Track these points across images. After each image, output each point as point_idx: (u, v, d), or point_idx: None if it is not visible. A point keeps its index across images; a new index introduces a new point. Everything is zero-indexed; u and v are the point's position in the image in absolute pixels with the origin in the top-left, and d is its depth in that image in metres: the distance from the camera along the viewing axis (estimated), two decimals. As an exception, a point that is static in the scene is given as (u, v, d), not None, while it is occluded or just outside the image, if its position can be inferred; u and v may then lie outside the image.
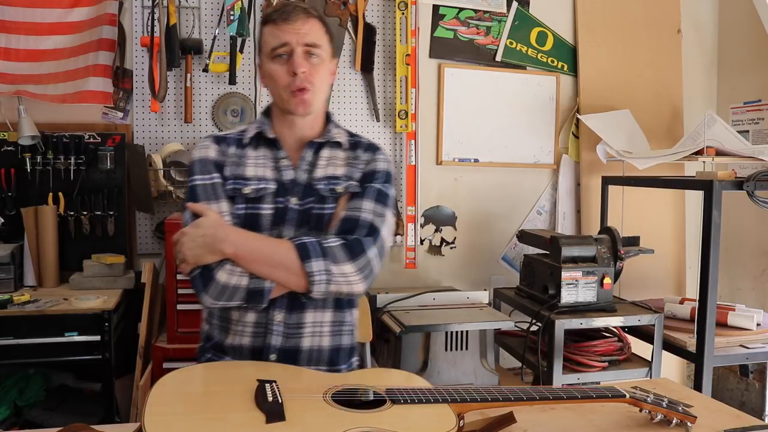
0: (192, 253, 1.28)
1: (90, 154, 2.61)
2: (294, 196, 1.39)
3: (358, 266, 1.31)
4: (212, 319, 1.44)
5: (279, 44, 1.37)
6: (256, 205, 1.38)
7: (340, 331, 1.44)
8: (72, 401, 2.48)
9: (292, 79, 1.37)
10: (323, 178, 1.42)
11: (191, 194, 1.38)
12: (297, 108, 1.39)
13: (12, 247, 2.44)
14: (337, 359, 1.44)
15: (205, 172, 1.39)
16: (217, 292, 1.28)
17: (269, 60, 1.40)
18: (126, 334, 2.53)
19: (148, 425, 0.98)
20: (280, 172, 1.42)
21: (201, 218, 1.31)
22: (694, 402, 1.31)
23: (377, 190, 1.41)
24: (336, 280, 1.29)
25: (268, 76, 1.41)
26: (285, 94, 1.39)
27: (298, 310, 1.37)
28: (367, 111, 2.92)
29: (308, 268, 1.27)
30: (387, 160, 1.48)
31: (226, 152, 1.43)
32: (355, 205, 1.39)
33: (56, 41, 2.59)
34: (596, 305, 2.35)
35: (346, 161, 1.46)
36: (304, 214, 1.39)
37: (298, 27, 1.37)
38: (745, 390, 3.13)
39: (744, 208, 2.91)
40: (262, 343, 1.37)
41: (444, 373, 2.31)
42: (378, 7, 2.89)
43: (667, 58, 3.24)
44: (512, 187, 3.12)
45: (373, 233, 1.35)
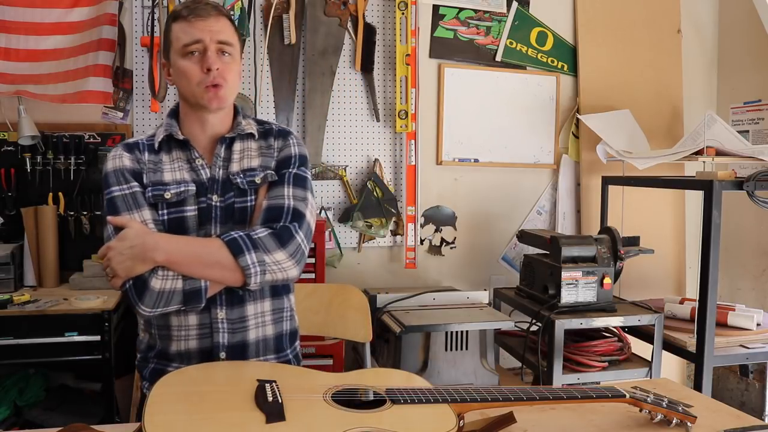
0: (122, 266, 1.26)
1: (90, 154, 2.61)
2: (214, 193, 1.40)
3: (290, 252, 1.32)
4: (151, 328, 1.42)
5: (192, 41, 1.36)
6: (180, 208, 1.39)
7: (281, 317, 1.47)
8: (72, 401, 2.48)
9: (205, 75, 1.36)
10: (240, 172, 1.42)
11: (110, 207, 1.35)
12: (211, 102, 1.38)
13: (12, 247, 2.44)
14: (282, 345, 1.47)
15: (122, 182, 1.37)
16: (153, 300, 1.27)
17: (180, 57, 1.38)
18: (126, 334, 2.53)
19: (148, 425, 0.98)
20: (197, 172, 1.42)
21: (125, 230, 1.29)
22: (694, 402, 1.31)
23: (294, 174, 1.43)
24: (270, 269, 1.30)
25: (179, 72, 1.39)
26: (198, 90, 1.37)
27: (239, 305, 1.40)
28: (367, 111, 2.92)
29: (242, 262, 1.28)
30: (299, 144, 1.49)
31: (141, 159, 1.42)
32: (276, 193, 1.40)
33: (56, 41, 2.59)
34: (596, 305, 2.35)
35: (260, 151, 1.46)
36: (228, 209, 1.40)
37: (211, 24, 1.37)
38: (745, 390, 3.13)
39: (744, 208, 2.91)
40: (210, 344, 1.38)
41: (444, 373, 2.31)
42: (378, 7, 2.89)
43: (667, 58, 3.24)
44: (512, 187, 3.12)
45: (297, 218, 1.37)
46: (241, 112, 1.50)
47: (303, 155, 1.48)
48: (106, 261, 1.28)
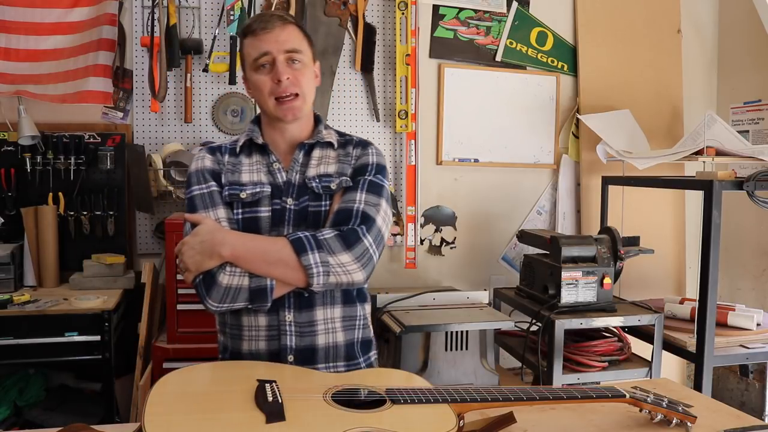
0: (192, 260, 1.30)
1: (90, 154, 2.61)
2: (289, 196, 1.42)
3: (355, 255, 1.32)
4: (225, 327, 1.45)
5: (260, 54, 1.39)
6: (254, 208, 1.41)
7: (353, 325, 1.46)
8: (72, 401, 2.49)
9: (276, 86, 1.39)
10: (315, 177, 1.43)
11: (189, 205, 1.41)
12: (286, 115, 1.42)
13: (12, 247, 2.44)
14: (354, 354, 1.45)
15: (202, 182, 1.42)
16: (220, 295, 1.30)
17: (253, 71, 1.42)
18: (126, 334, 2.53)
19: (148, 425, 0.98)
20: (274, 175, 1.44)
21: (199, 226, 1.33)
22: (694, 402, 1.31)
23: (368, 181, 1.43)
24: (334, 270, 1.30)
25: (254, 87, 1.43)
26: (271, 102, 1.41)
27: (307, 309, 1.39)
28: (367, 111, 2.92)
29: (305, 261, 1.28)
30: (378, 154, 1.49)
31: (221, 161, 1.46)
32: (348, 197, 1.40)
33: (56, 41, 2.59)
34: (596, 305, 2.34)
35: (338, 159, 1.48)
36: (301, 212, 1.41)
37: (277, 35, 1.39)
38: (745, 390, 3.13)
39: (744, 208, 2.91)
40: (278, 346, 1.38)
41: (444, 373, 2.31)
42: (378, 7, 2.89)
43: (667, 58, 3.24)
44: (512, 187, 3.12)
45: (366, 221, 1.36)
46: (322, 121, 1.53)
47: (381, 164, 1.48)
48: (180, 256, 1.32)
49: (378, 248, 1.37)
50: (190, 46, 2.66)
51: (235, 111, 2.77)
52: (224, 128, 2.76)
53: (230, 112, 2.77)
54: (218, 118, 2.76)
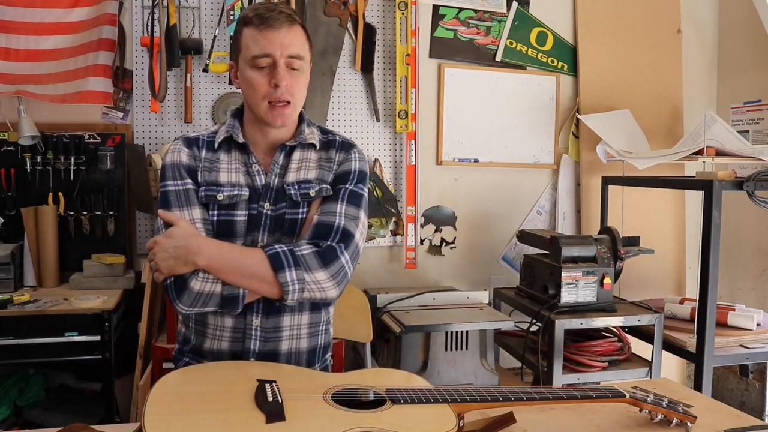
0: (165, 263, 1.27)
1: (90, 154, 2.61)
2: (267, 201, 1.39)
3: (331, 273, 1.31)
4: (189, 322, 1.44)
5: (262, 54, 1.34)
6: (230, 211, 1.38)
7: (317, 331, 1.46)
8: (72, 401, 2.48)
9: (272, 90, 1.35)
10: (294, 183, 1.40)
11: (163, 200, 1.36)
12: (275, 120, 1.37)
13: (12, 247, 2.44)
14: (314, 359, 1.46)
15: (177, 178, 1.38)
16: (191, 300, 1.28)
17: (248, 66, 1.36)
18: (126, 334, 2.53)
19: (148, 425, 0.98)
20: (253, 178, 1.41)
21: (173, 228, 1.30)
22: (694, 402, 1.31)
23: (349, 191, 1.40)
24: (309, 287, 1.29)
25: (246, 81, 1.37)
26: (263, 105, 1.36)
27: (275, 315, 1.39)
28: (367, 111, 2.92)
29: (281, 278, 1.27)
30: (361, 159, 1.46)
31: (198, 156, 1.42)
32: (328, 208, 1.38)
33: (56, 41, 2.59)
34: (596, 305, 2.34)
35: (318, 163, 1.44)
36: (278, 219, 1.39)
37: (282, 36, 1.34)
38: (745, 390, 3.13)
39: (744, 208, 2.91)
40: (241, 348, 1.38)
41: (444, 373, 2.31)
42: (378, 7, 2.89)
43: (667, 58, 3.24)
44: (512, 187, 3.12)
45: (345, 238, 1.34)
46: (305, 119, 1.48)
47: (363, 171, 1.45)
48: (151, 254, 1.30)
49: (353, 263, 1.36)
50: (190, 46, 2.66)
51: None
52: (224, 128, 2.76)
53: (230, 112, 2.76)
54: (218, 118, 2.76)
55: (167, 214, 1.33)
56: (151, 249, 1.30)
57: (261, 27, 1.34)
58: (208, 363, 1.40)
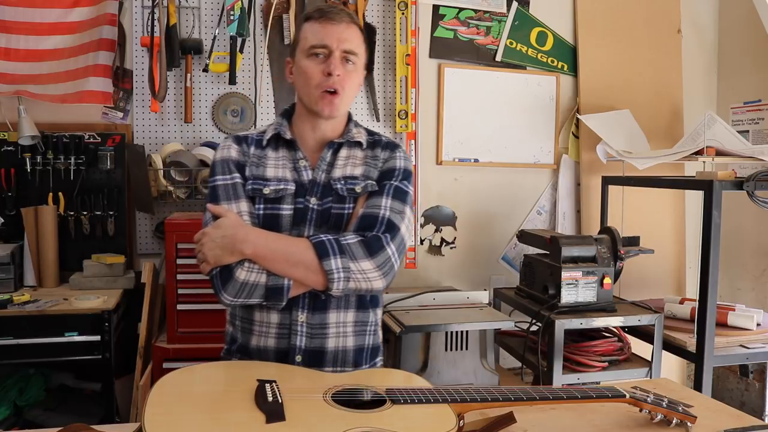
0: (212, 253, 1.30)
1: (90, 154, 2.61)
2: (313, 196, 1.41)
3: (377, 263, 1.32)
4: (235, 320, 1.45)
5: (319, 44, 1.38)
6: (276, 205, 1.40)
7: (364, 331, 1.45)
8: (72, 401, 2.48)
9: (325, 78, 1.38)
10: (341, 178, 1.43)
11: (212, 195, 1.40)
12: (324, 109, 1.40)
13: (12, 247, 2.44)
14: (361, 359, 1.45)
15: (226, 173, 1.41)
16: (236, 290, 1.30)
17: (304, 56, 1.40)
18: (126, 334, 2.53)
19: (148, 425, 0.98)
20: (299, 173, 1.43)
21: (221, 219, 1.33)
22: (694, 402, 1.31)
23: (395, 187, 1.42)
24: (355, 277, 1.30)
25: (301, 71, 1.41)
26: (315, 93, 1.40)
27: (321, 311, 1.39)
28: (367, 111, 2.92)
29: (326, 266, 1.28)
30: (406, 158, 1.48)
31: (247, 152, 1.45)
32: (373, 202, 1.39)
33: (56, 41, 2.59)
34: (596, 305, 2.34)
35: (364, 160, 1.47)
36: (324, 213, 1.40)
37: (341, 30, 1.39)
38: (745, 390, 3.13)
39: (744, 208, 2.91)
40: (287, 345, 1.38)
41: (444, 373, 2.31)
42: (378, 7, 2.89)
43: (667, 58, 3.24)
44: (512, 187, 3.12)
45: (391, 230, 1.36)
46: (354, 120, 1.52)
47: (408, 169, 1.47)
48: (198, 246, 1.32)
49: (400, 256, 1.36)
50: (190, 46, 2.66)
51: (235, 111, 2.77)
52: (224, 128, 2.76)
53: (230, 112, 2.77)
54: (218, 118, 2.76)
55: (215, 207, 1.36)
56: (199, 241, 1.32)
57: (321, 20, 1.40)
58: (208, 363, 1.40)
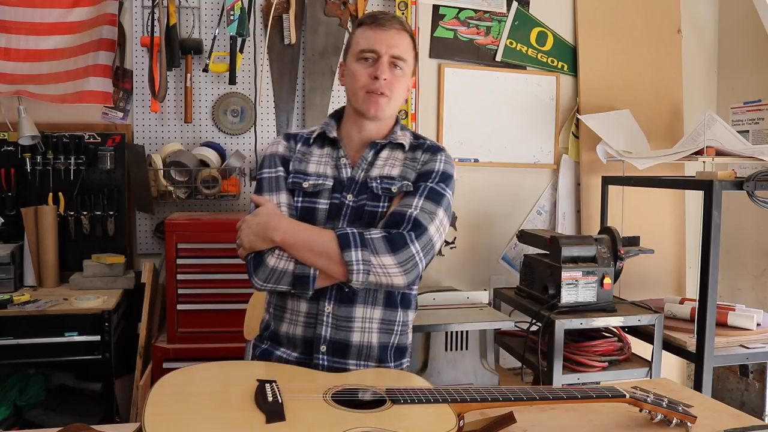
0: (248, 239, 1.37)
1: (90, 154, 2.61)
2: (350, 192, 1.45)
3: (399, 259, 1.33)
4: (270, 307, 1.50)
5: (369, 48, 1.44)
6: (314, 199, 1.45)
7: (390, 330, 1.47)
8: (72, 401, 2.48)
9: (372, 81, 1.44)
10: (378, 177, 1.46)
11: (257, 186, 1.48)
12: (369, 108, 1.45)
13: (12, 247, 2.44)
14: (386, 357, 1.47)
15: (272, 166, 1.49)
16: (265, 275, 1.36)
17: (354, 60, 1.46)
18: (126, 334, 2.53)
19: (148, 425, 0.98)
20: (339, 170, 1.48)
21: (260, 207, 1.40)
22: (694, 402, 1.31)
23: (429, 188, 1.44)
24: (375, 270, 1.32)
25: (350, 74, 1.47)
26: (361, 93, 1.45)
27: (347, 304, 1.42)
28: (367, 111, 2.92)
29: (347, 257, 1.31)
30: (447, 162, 1.50)
31: (293, 149, 1.52)
32: (405, 201, 1.42)
33: (56, 41, 2.59)
34: (596, 305, 2.34)
35: (404, 162, 1.50)
36: (358, 210, 1.43)
37: (391, 36, 1.44)
38: (745, 390, 3.13)
39: (744, 208, 2.91)
40: (313, 334, 1.42)
41: (444, 373, 2.31)
42: (378, 7, 2.89)
43: (667, 58, 3.24)
44: (512, 187, 3.12)
45: (417, 228, 1.36)
46: (400, 124, 1.56)
47: (447, 173, 1.48)
48: (238, 232, 1.41)
49: (426, 257, 1.37)
50: (190, 46, 2.66)
51: (235, 111, 2.77)
52: (224, 128, 2.76)
53: (230, 112, 2.77)
54: (218, 118, 2.76)
55: (257, 198, 1.44)
56: (239, 228, 1.40)
57: (372, 25, 1.45)
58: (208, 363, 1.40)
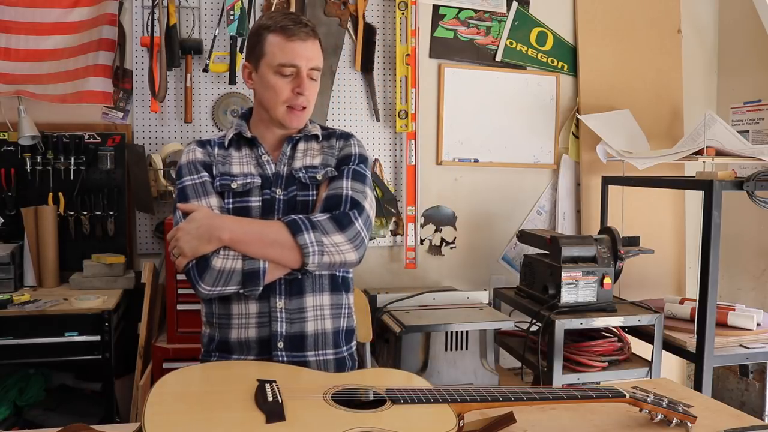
0: (189, 245, 1.33)
1: (90, 154, 2.61)
2: (278, 187, 1.47)
3: (348, 237, 1.37)
4: (213, 318, 1.47)
5: (289, 63, 1.43)
6: (245, 198, 1.45)
7: (340, 313, 1.50)
8: (72, 401, 2.48)
9: (294, 97, 1.44)
10: (302, 168, 1.48)
11: (181, 195, 1.44)
12: (291, 122, 1.47)
13: (12, 247, 2.44)
14: (339, 342, 1.49)
15: (194, 173, 1.46)
16: (213, 279, 1.33)
17: (272, 72, 1.44)
18: (126, 334, 2.53)
19: (148, 425, 0.98)
20: (263, 167, 1.49)
21: (194, 212, 1.37)
22: (694, 402, 1.31)
23: (353, 170, 1.48)
24: (329, 250, 1.35)
25: (268, 86, 1.46)
26: (282, 108, 1.46)
27: (297, 295, 1.43)
28: (367, 111, 2.92)
29: (300, 240, 1.32)
30: (360, 145, 1.55)
31: (212, 153, 1.51)
32: (335, 185, 1.45)
33: (56, 41, 2.59)
34: (596, 305, 2.34)
35: (321, 151, 1.53)
36: (290, 202, 1.45)
37: (308, 49, 1.44)
38: (745, 390, 3.13)
39: (744, 208, 2.91)
40: (269, 333, 1.41)
41: (444, 373, 2.31)
42: (378, 7, 2.89)
43: (667, 58, 3.24)
44: (512, 187, 3.12)
45: (356, 206, 1.41)
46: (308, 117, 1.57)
47: (363, 155, 1.53)
48: (173, 242, 1.35)
49: (368, 232, 1.42)
50: (190, 46, 2.66)
51: (235, 111, 2.77)
52: (224, 128, 2.76)
53: (230, 112, 2.77)
54: (218, 118, 2.76)
55: (186, 205, 1.40)
56: (173, 237, 1.35)
57: (289, 37, 1.43)
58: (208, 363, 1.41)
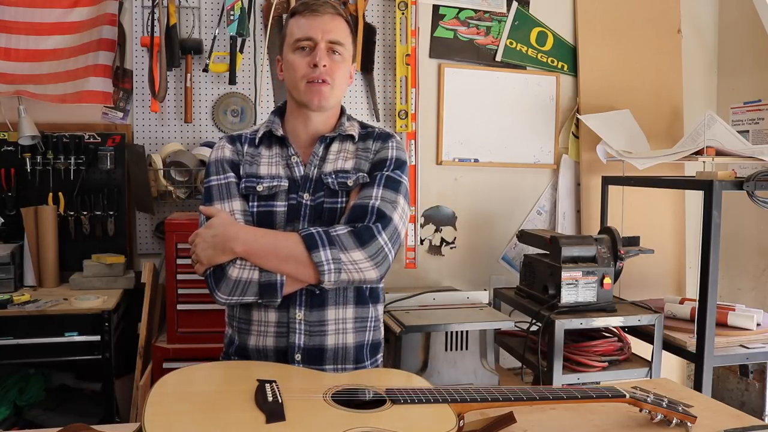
0: (205, 254, 1.30)
1: (90, 154, 2.61)
2: (306, 191, 1.39)
3: (369, 253, 1.29)
4: (233, 321, 1.44)
5: (304, 37, 1.38)
6: (270, 202, 1.39)
7: (364, 327, 1.44)
8: (72, 401, 2.48)
9: (311, 70, 1.38)
10: (332, 172, 1.41)
11: (206, 196, 1.40)
12: (312, 98, 1.39)
13: (12, 247, 2.44)
14: (362, 356, 1.44)
15: (220, 173, 1.41)
16: (229, 289, 1.29)
17: (291, 50, 1.41)
18: (126, 334, 2.53)
19: (148, 425, 0.98)
20: (292, 169, 1.42)
21: (212, 219, 1.33)
22: (694, 402, 1.31)
23: (386, 176, 1.39)
24: (346, 268, 1.28)
25: (288, 65, 1.41)
26: (302, 85, 1.39)
27: (319, 307, 1.37)
28: (367, 111, 2.92)
29: (316, 258, 1.26)
30: (398, 148, 1.46)
31: (241, 151, 1.45)
32: (365, 193, 1.37)
33: (56, 41, 2.59)
34: (596, 305, 2.34)
35: (356, 153, 1.45)
36: (317, 208, 1.39)
37: (326, 22, 1.39)
38: (745, 390, 3.13)
39: (744, 208, 2.91)
40: (286, 344, 1.36)
41: (444, 373, 2.31)
42: (378, 7, 2.89)
43: (667, 58, 3.24)
44: (512, 187, 3.12)
45: (382, 219, 1.33)
46: (347, 114, 1.51)
47: (400, 159, 1.44)
48: (192, 247, 1.33)
49: (394, 246, 1.34)
50: (190, 46, 2.66)
51: (235, 111, 2.77)
52: (224, 128, 2.76)
53: (230, 112, 2.77)
54: (218, 118, 2.76)
55: (207, 209, 1.37)
56: (193, 242, 1.33)
57: (305, 12, 1.40)
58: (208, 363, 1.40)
